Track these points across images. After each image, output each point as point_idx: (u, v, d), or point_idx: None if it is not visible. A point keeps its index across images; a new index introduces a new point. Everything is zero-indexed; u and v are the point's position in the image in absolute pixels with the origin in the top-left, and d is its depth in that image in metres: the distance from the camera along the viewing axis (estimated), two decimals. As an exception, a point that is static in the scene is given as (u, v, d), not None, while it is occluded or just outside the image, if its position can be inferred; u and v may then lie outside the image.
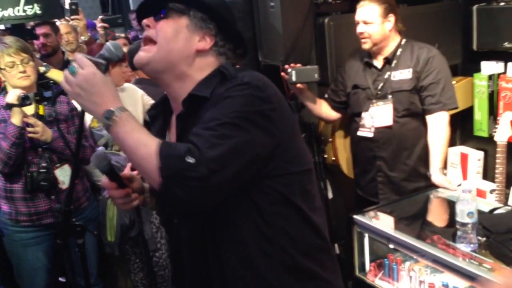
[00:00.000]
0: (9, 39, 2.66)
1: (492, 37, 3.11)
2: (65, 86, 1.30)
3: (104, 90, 1.28)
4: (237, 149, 1.22)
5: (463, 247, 2.02)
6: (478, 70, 3.26)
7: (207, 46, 1.38)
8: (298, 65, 2.69)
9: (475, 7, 3.17)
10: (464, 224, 2.01)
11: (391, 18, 2.65)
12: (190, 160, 1.16)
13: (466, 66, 3.41)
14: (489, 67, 3.20)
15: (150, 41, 1.39)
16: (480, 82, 3.22)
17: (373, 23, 2.62)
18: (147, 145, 1.21)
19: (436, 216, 2.58)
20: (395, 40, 2.72)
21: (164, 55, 1.37)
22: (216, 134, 1.20)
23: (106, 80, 1.29)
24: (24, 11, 3.37)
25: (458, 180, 3.19)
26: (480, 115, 3.26)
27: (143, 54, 1.38)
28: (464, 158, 3.33)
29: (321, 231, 1.44)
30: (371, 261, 2.42)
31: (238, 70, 1.37)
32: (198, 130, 1.22)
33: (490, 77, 3.19)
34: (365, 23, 2.64)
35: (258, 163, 1.28)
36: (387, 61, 2.71)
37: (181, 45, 1.37)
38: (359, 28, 2.66)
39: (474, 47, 3.22)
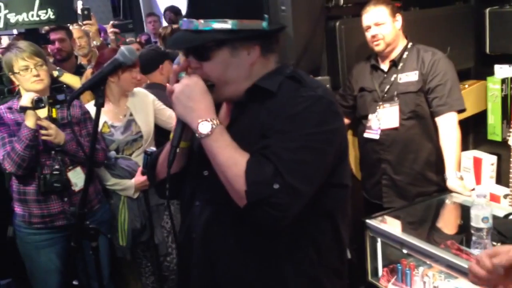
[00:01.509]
0: (23, 44, 2.69)
1: (505, 40, 3.09)
2: (172, 91, 1.35)
3: (202, 99, 1.31)
4: (315, 175, 1.28)
5: (477, 252, 2.00)
6: (491, 73, 3.24)
7: (257, 55, 1.38)
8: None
9: (487, 10, 3.15)
10: (478, 229, 1.99)
11: (399, 17, 2.69)
12: (276, 186, 1.20)
13: (479, 70, 3.39)
14: (502, 70, 3.18)
15: None
16: (494, 85, 3.20)
17: (385, 23, 2.65)
18: (237, 164, 1.25)
19: (450, 221, 2.56)
20: (402, 42, 2.74)
21: (224, 89, 1.38)
22: (296, 159, 1.24)
23: (206, 92, 1.33)
24: (38, 16, 3.40)
25: (472, 185, 3.17)
26: (494, 119, 3.23)
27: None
28: (477, 162, 3.30)
29: (345, 255, 1.48)
30: (383, 266, 2.40)
31: (307, 76, 1.41)
32: (277, 149, 1.25)
33: (504, 81, 3.17)
34: (377, 24, 2.66)
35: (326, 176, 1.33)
36: (394, 63, 2.74)
37: (236, 73, 1.37)
38: (372, 31, 2.68)
39: (487, 50, 3.21)
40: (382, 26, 2.65)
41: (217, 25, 1.31)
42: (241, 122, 1.39)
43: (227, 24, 1.31)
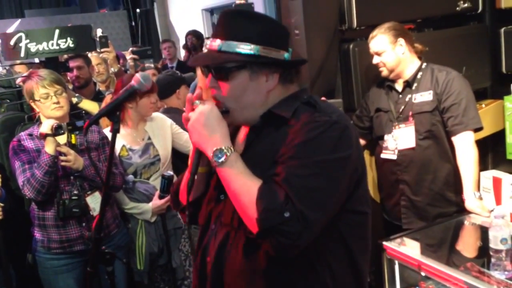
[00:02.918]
0: (43, 72, 2.75)
1: (521, 59, 3.07)
2: (188, 119, 1.37)
3: (217, 127, 1.34)
4: (327, 202, 1.27)
5: (497, 274, 1.96)
6: (508, 92, 3.20)
7: (275, 82, 1.40)
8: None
9: (502, 30, 3.14)
10: (497, 251, 1.96)
11: (401, 41, 2.69)
12: (287, 214, 1.20)
13: (496, 89, 3.36)
14: (519, 89, 3.15)
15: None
16: (511, 104, 3.17)
17: (385, 51, 2.69)
18: (249, 191, 1.26)
19: (469, 243, 2.52)
20: (413, 63, 2.74)
21: (240, 113, 1.40)
22: (307, 186, 1.24)
23: (221, 119, 1.35)
24: (58, 44, 3.50)
25: (491, 205, 3.12)
26: (512, 138, 3.19)
27: (226, 118, 1.41)
28: (497, 182, 3.25)
29: (363, 283, 1.45)
30: (402, 289, 2.37)
31: (323, 101, 1.41)
32: (289, 176, 1.24)
33: (521, 100, 3.13)
34: (377, 54, 2.71)
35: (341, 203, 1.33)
36: (408, 84, 2.74)
37: (252, 98, 1.39)
38: (374, 60, 2.75)
39: (503, 69, 3.19)
40: (382, 54, 2.70)
41: (240, 48, 1.34)
42: (256, 147, 1.40)
43: (250, 48, 1.34)
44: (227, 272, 1.40)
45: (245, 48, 1.33)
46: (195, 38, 6.69)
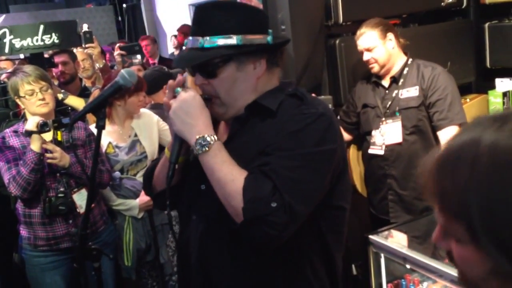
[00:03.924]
0: (28, 68, 2.72)
1: (505, 54, 3.11)
2: (168, 107, 1.35)
3: (200, 114, 1.32)
4: (313, 194, 1.27)
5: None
6: (492, 87, 3.24)
7: (263, 68, 1.39)
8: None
9: (487, 25, 3.18)
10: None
11: (391, 36, 2.71)
12: (274, 204, 1.19)
13: (480, 84, 3.40)
14: (503, 84, 3.19)
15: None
16: (495, 99, 3.21)
17: (376, 47, 2.69)
18: (234, 180, 1.24)
19: (454, 236, 2.55)
20: (400, 59, 2.76)
21: (232, 103, 1.38)
22: (295, 178, 1.23)
23: (203, 106, 1.33)
24: (43, 40, 3.47)
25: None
26: (496, 133, 3.23)
27: (219, 111, 1.40)
28: (481, 176, 3.29)
29: (336, 278, 1.45)
30: (388, 281, 2.38)
31: (309, 94, 1.40)
32: (277, 167, 1.24)
33: (505, 94, 3.17)
34: (368, 50, 2.70)
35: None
36: (394, 80, 2.76)
37: (243, 87, 1.38)
38: (365, 56, 2.74)
39: (488, 64, 3.22)
40: (373, 50, 2.70)
41: (222, 41, 1.31)
42: (240, 137, 1.38)
43: (232, 40, 1.31)
44: (210, 262, 1.39)
45: (228, 40, 1.31)
46: (183, 35, 6.65)
